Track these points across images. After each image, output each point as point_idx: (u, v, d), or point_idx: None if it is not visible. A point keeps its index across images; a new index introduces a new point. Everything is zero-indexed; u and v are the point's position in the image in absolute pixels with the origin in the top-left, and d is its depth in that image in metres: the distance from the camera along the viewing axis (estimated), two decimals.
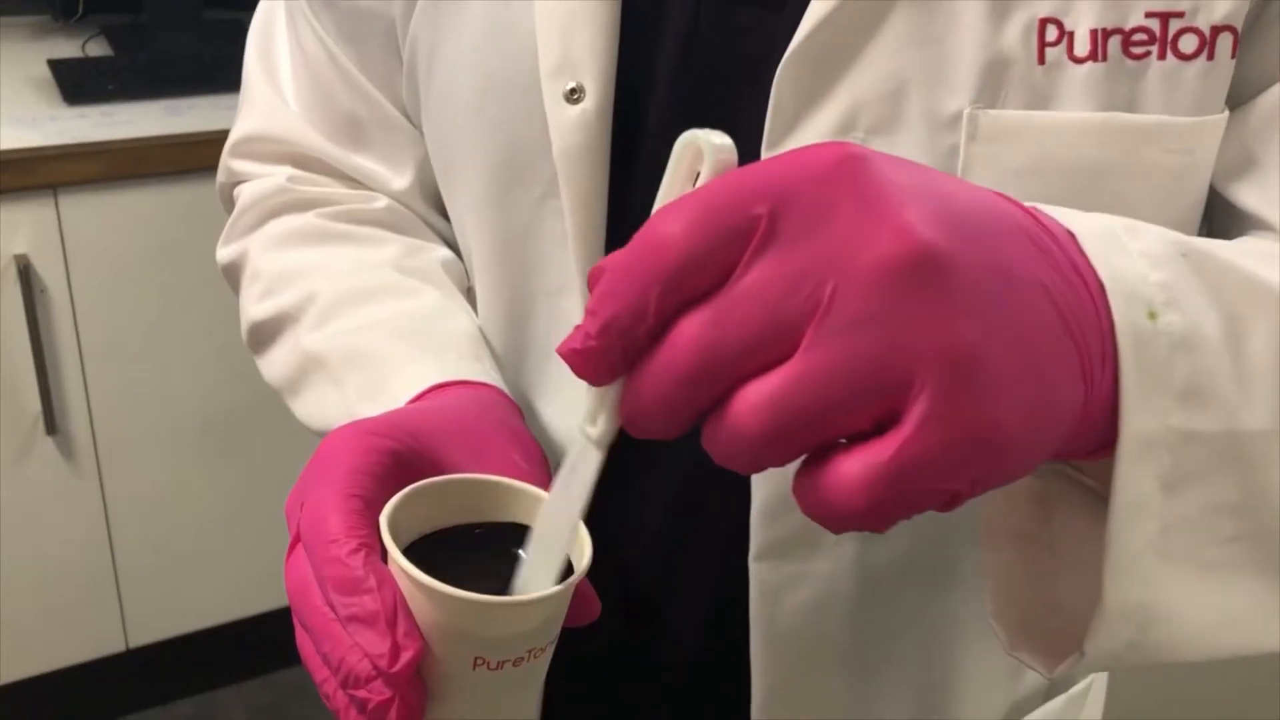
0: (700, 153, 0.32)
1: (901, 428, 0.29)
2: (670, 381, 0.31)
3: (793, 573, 0.54)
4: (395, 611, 0.38)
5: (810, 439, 0.30)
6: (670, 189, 0.33)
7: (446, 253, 0.64)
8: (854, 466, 0.30)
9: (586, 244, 0.51)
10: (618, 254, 0.31)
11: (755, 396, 0.30)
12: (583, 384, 0.55)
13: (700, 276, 0.30)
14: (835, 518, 0.31)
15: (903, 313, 0.29)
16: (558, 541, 0.39)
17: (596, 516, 0.41)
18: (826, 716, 0.57)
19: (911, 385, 0.29)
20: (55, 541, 1.68)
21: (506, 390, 0.54)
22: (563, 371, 0.57)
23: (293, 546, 0.42)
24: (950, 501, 0.31)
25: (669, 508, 0.56)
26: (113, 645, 1.78)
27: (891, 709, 0.58)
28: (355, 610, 0.38)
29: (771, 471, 0.52)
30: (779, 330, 0.30)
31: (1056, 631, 0.40)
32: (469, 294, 0.62)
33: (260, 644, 1.88)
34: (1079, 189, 0.46)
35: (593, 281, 0.32)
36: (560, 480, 0.37)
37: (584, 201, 0.51)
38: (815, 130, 0.47)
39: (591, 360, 0.32)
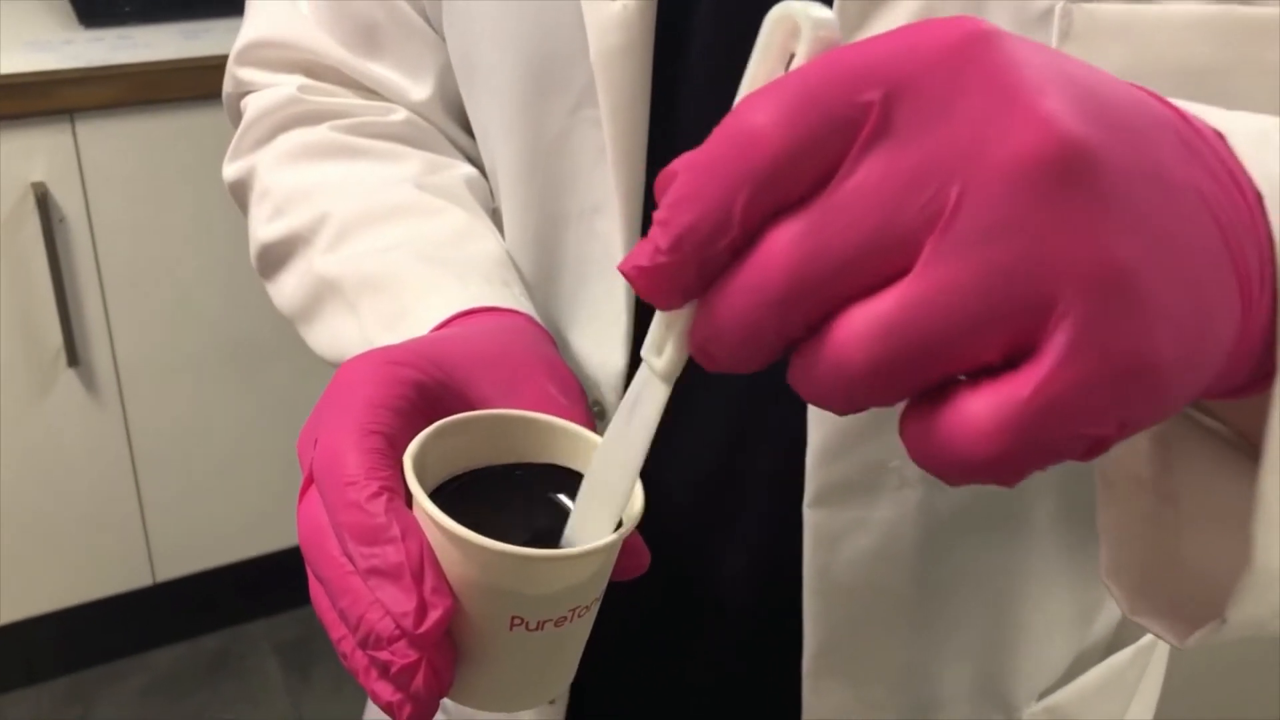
0: (796, 29, 0.27)
1: (1040, 360, 0.24)
2: (758, 304, 0.26)
3: (851, 519, 0.49)
4: (422, 564, 0.33)
5: (927, 374, 0.25)
6: (759, 73, 0.27)
7: (470, 170, 0.59)
8: (982, 407, 0.25)
9: (626, 158, 0.46)
10: (694, 153, 0.26)
11: (863, 322, 0.25)
12: (622, 312, 0.51)
13: (797, 178, 0.25)
14: (957, 468, 0.26)
15: (1045, 221, 0.24)
16: (616, 488, 0.34)
17: None
18: (882, 672, 0.53)
19: (1053, 309, 0.24)
20: (79, 475, 1.67)
21: (538, 318, 0.49)
22: (597, 299, 0.53)
23: (305, 489, 0.37)
24: (1093, 448, 0.26)
25: (715, 447, 0.52)
26: (139, 579, 1.77)
27: (951, 664, 0.55)
28: (376, 562, 0.33)
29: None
30: (893, 242, 0.25)
31: (1182, 594, 0.36)
32: (495, 216, 0.58)
33: (288, 578, 1.87)
34: (1186, 96, 0.41)
35: (662, 187, 0.27)
36: (619, 419, 0.33)
37: (623, 110, 0.46)
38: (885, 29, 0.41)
39: (662, 279, 0.27)
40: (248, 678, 1.85)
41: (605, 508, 0.34)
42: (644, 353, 0.31)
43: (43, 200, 1.49)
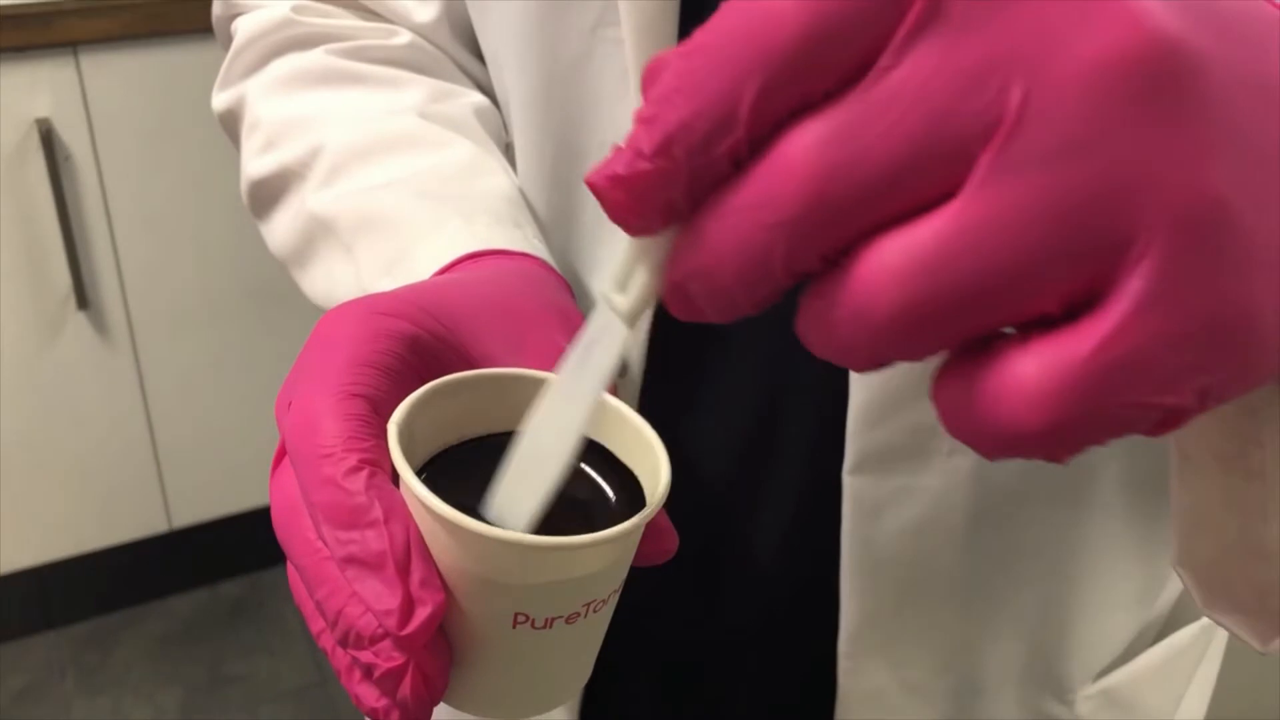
0: None
1: (1108, 310, 0.19)
2: (763, 227, 0.21)
3: (896, 488, 0.45)
4: (408, 552, 0.29)
5: (969, 324, 0.20)
6: None
7: (481, 98, 0.54)
8: (1034, 367, 0.20)
9: None
10: (692, 38, 0.21)
11: (896, 256, 0.20)
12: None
13: (823, 67, 0.20)
14: (1000, 440, 0.21)
15: (1128, 138, 0.19)
16: (550, 458, 0.29)
17: (657, 421, 0.32)
18: (925, 652, 0.49)
19: (1130, 247, 0.19)
20: (92, 420, 1.65)
21: (554, 265, 0.45)
22: (619, 242, 0.48)
23: (278, 460, 0.33)
24: (1166, 421, 0.21)
25: (746, 408, 0.47)
26: (155, 526, 1.75)
27: (1000, 643, 0.50)
28: (355, 550, 0.29)
29: None
30: (939, 156, 0.20)
31: (1267, 588, 0.31)
32: (508, 151, 0.52)
33: None
34: None
35: (649, 80, 0.22)
36: (567, 370, 0.28)
37: (648, 29, 0.41)
38: None
39: (642, 192, 0.21)
40: (266, 625, 1.84)
41: (534, 481, 0.29)
42: (603, 288, 0.26)
43: (47, 137, 1.45)
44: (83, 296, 1.55)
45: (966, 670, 0.50)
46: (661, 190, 0.21)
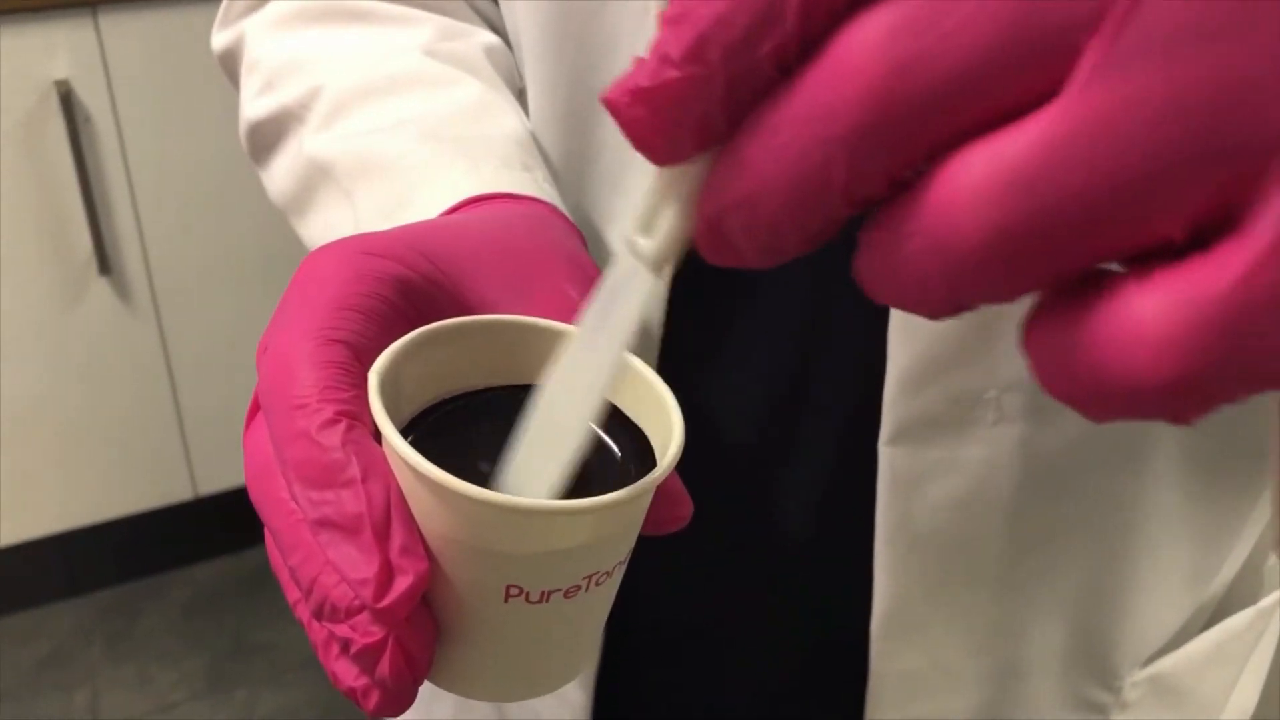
0: None
1: (1250, 232, 0.16)
2: (819, 142, 0.17)
3: (937, 460, 0.42)
4: (388, 516, 0.26)
5: (1075, 255, 0.17)
6: None
7: (493, 38, 0.50)
8: (1155, 307, 0.16)
9: None
10: None
11: (983, 172, 0.17)
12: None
13: None
14: (1111, 397, 0.17)
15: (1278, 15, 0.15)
16: (570, 422, 0.26)
17: (678, 384, 0.29)
18: (963, 633, 0.46)
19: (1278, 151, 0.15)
20: (116, 387, 1.64)
21: (565, 210, 0.41)
22: (639, 190, 0.45)
23: (253, 413, 0.30)
24: None
25: (774, 372, 0.44)
26: (180, 493, 1.75)
27: (1044, 624, 0.47)
28: (329, 511, 0.26)
29: (914, 329, 0.40)
30: (1035, 47, 0.16)
31: None
32: (521, 97, 0.49)
33: None
34: None
35: None
36: (587, 324, 0.25)
37: None
38: None
39: (669, 107, 0.18)
40: None
41: (553, 448, 0.26)
42: (626, 234, 0.22)
43: (66, 99, 1.43)
44: (104, 261, 1.53)
45: (1007, 653, 0.47)
46: (694, 104, 0.18)
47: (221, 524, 1.82)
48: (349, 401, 0.27)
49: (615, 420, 0.30)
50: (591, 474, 0.28)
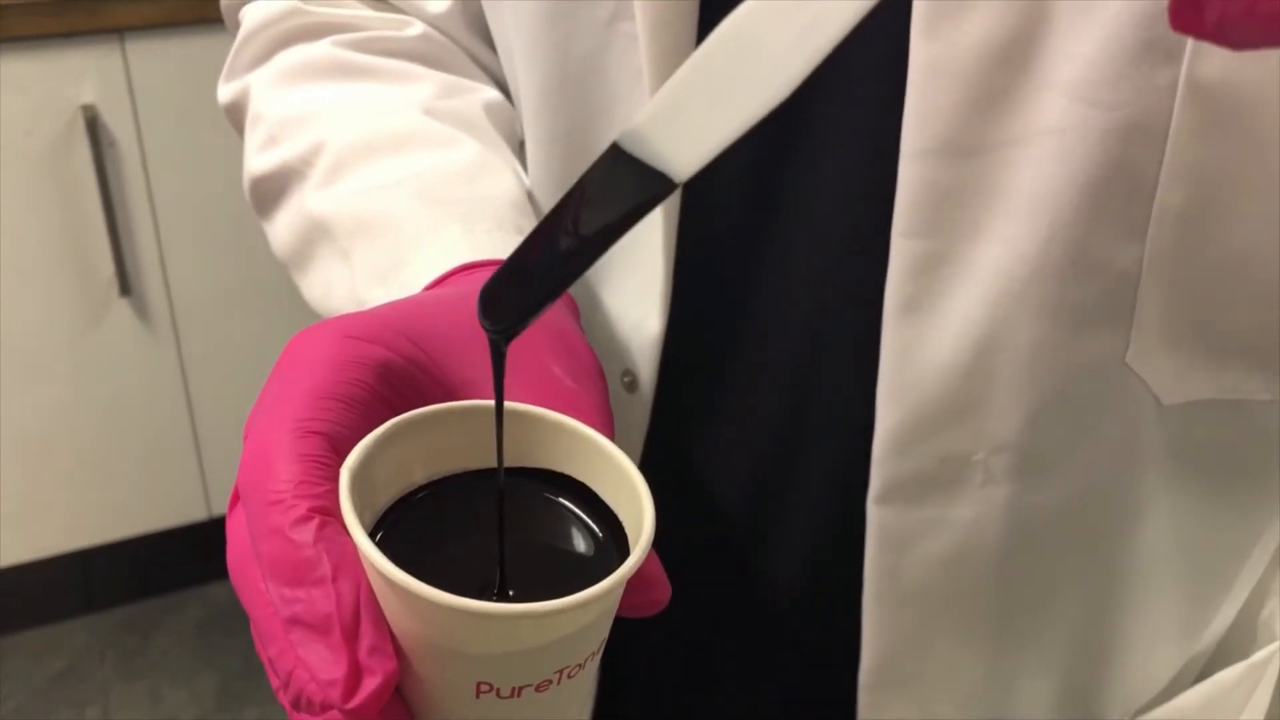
0: None
1: None
2: None
3: (925, 519, 0.42)
4: (357, 616, 0.26)
5: None
6: None
7: (494, 94, 0.51)
8: None
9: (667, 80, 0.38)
10: None
11: None
12: (659, 266, 0.43)
13: None
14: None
15: None
16: (754, 79, 0.21)
17: (669, 441, 0.29)
18: (951, 688, 0.46)
19: None
20: (133, 407, 1.65)
21: None
22: (634, 249, 0.45)
23: (235, 501, 0.30)
24: None
25: (766, 432, 0.44)
26: (195, 513, 1.76)
27: (1033, 680, 0.47)
28: (299, 610, 0.26)
29: (903, 390, 0.40)
30: None
31: None
32: (522, 149, 0.50)
33: None
34: None
35: None
36: None
37: (665, 24, 0.39)
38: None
39: None
40: None
41: (716, 109, 0.21)
42: None
43: (93, 124, 1.44)
44: (125, 283, 1.55)
45: (995, 707, 0.47)
46: None
47: None
48: (323, 496, 0.27)
49: (587, 504, 0.30)
50: (563, 564, 0.28)
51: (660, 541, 0.32)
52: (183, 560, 1.82)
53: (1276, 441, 0.43)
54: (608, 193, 0.23)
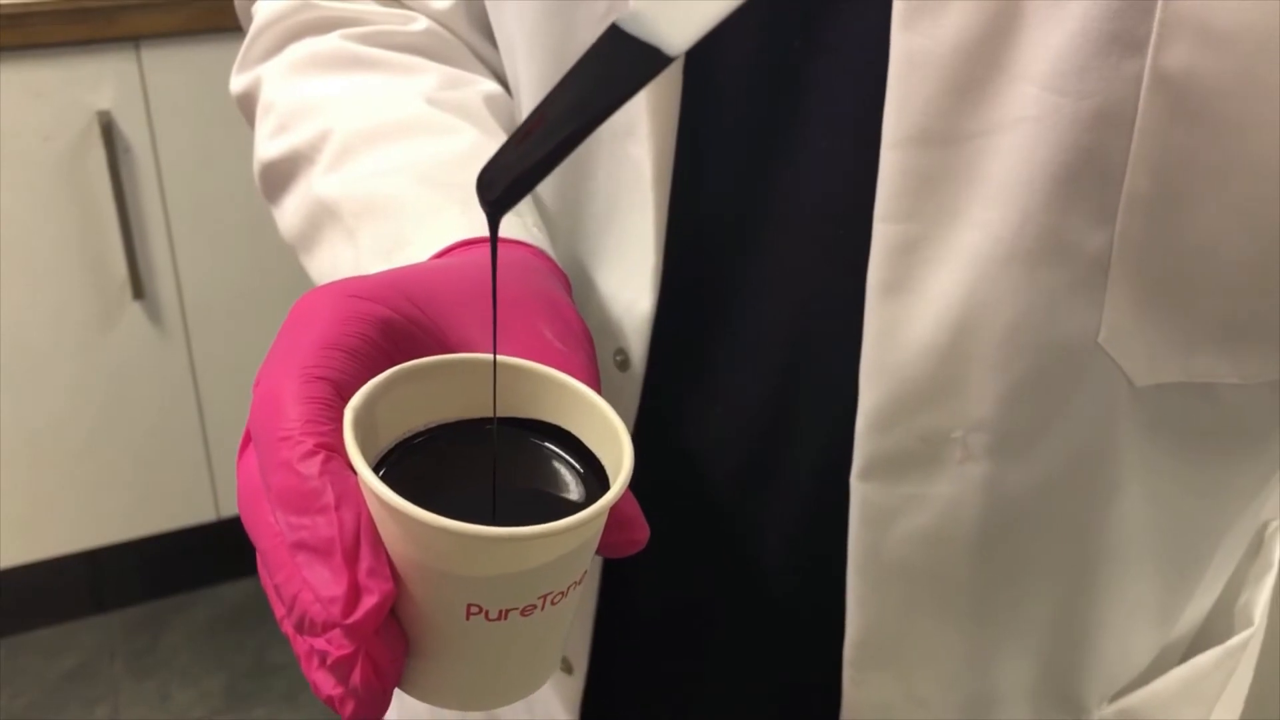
0: None
1: None
2: None
3: (906, 496, 0.43)
4: (358, 540, 0.28)
5: None
6: None
7: (494, 86, 0.53)
8: None
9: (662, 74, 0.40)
10: None
11: None
12: (650, 249, 0.45)
13: None
14: None
15: None
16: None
17: (660, 417, 0.31)
18: (933, 665, 0.47)
19: None
20: (144, 409, 1.67)
21: (552, 255, 0.44)
22: (626, 231, 0.47)
23: (245, 443, 0.32)
24: None
25: (750, 410, 0.46)
26: (204, 514, 1.77)
27: (1013, 659, 0.48)
28: (305, 535, 0.28)
29: (884, 369, 0.42)
30: None
31: None
32: None
33: None
34: None
35: None
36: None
37: None
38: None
39: None
40: None
41: None
42: None
43: (108, 129, 1.47)
44: (138, 286, 1.57)
45: (977, 685, 0.48)
46: None
47: (243, 545, 1.84)
48: (328, 435, 0.29)
49: (572, 449, 0.32)
50: (546, 499, 0.30)
51: (650, 514, 0.34)
52: (192, 560, 1.83)
53: (1248, 426, 0.44)
54: (605, 69, 0.26)
